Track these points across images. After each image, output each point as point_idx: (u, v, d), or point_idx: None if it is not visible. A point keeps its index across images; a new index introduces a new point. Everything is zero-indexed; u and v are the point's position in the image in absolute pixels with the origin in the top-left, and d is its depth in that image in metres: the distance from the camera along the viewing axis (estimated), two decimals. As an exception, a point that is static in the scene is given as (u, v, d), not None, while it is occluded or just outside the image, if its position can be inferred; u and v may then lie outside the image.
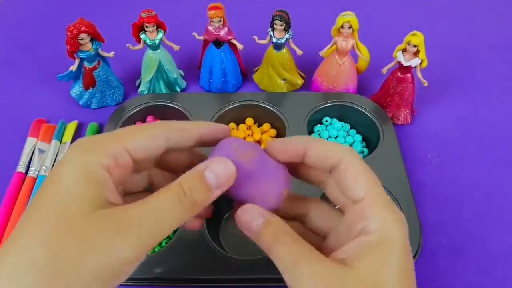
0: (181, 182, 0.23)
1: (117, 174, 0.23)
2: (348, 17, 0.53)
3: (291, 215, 0.28)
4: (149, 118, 0.57)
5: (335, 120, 0.57)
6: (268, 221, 0.24)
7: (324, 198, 0.29)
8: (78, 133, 0.57)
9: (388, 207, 0.23)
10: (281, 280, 0.42)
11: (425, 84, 0.55)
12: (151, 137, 0.24)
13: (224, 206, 0.49)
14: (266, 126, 0.56)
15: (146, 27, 0.55)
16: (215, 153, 0.26)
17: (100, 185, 0.22)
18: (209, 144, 0.27)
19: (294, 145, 0.26)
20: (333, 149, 0.25)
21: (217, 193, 0.24)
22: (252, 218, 0.24)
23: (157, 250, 0.45)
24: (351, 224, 0.24)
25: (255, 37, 0.58)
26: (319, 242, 0.27)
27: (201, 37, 0.58)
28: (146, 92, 0.60)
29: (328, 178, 0.26)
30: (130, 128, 0.25)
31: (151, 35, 0.56)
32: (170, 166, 0.28)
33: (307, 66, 0.64)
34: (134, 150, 0.24)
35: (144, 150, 0.24)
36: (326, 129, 0.56)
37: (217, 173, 0.23)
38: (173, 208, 0.22)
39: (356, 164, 0.24)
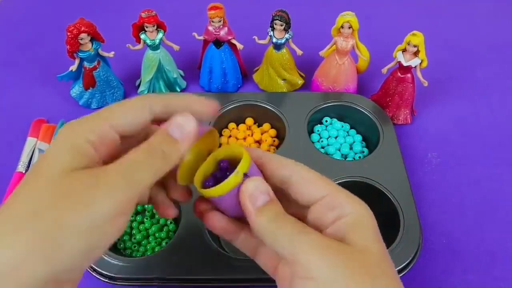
0: (149, 140, 0.25)
1: (105, 150, 0.24)
2: (348, 17, 0.53)
3: (276, 179, 0.28)
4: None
5: (335, 120, 0.57)
6: (272, 201, 0.26)
7: None
8: (78, 133, 0.57)
9: (350, 196, 0.26)
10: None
11: (425, 84, 0.55)
12: (134, 110, 0.25)
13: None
14: (266, 126, 0.56)
15: (146, 27, 0.55)
16: None
17: (83, 154, 0.23)
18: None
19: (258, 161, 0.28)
20: (285, 166, 0.27)
21: (183, 145, 0.25)
22: (260, 192, 0.25)
23: (157, 250, 0.45)
24: (322, 217, 0.26)
25: (255, 37, 0.58)
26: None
27: (201, 37, 0.58)
28: (146, 92, 0.60)
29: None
30: (113, 105, 0.26)
31: (151, 35, 0.56)
32: None
33: (307, 66, 0.64)
34: (119, 125, 0.24)
35: (130, 124, 0.25)
36: (326, 129, 0.56)
37: (179, 126, 0.25)
38: (145, 159, 0.24)
39: (306, 173, 0.27)
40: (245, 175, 0.26)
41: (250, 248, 0.29)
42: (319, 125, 0.57)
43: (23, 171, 0.52)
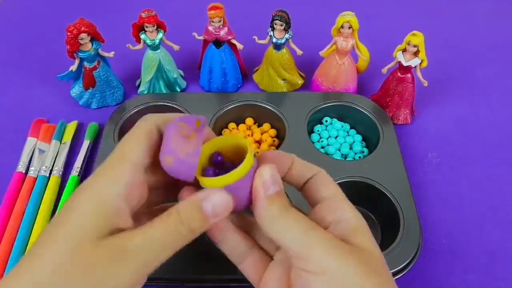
0: (180, 211, 0.24)
1: (137, 195, 0.25)
2: (348, 17, 0.53)
3: (299, 178, 0.29)
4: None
5: (335, 120, 0.57)
6: (282, 193, 0.26)
7: None
8: (78, 133, 0.57)
9: (350, 203, 0.28)
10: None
11: (425, 84, 0.55)
12: (144, 136, 0.26)
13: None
14: (266, 126, 0.56)
15: (146, 27, 0.55)
16: None
17: (110, 215, 0.23)
18: None
19: (284, 158, 0.29)
20: (311, 166, 0.29)
21: (213, 221, 0.25)
22: (274, 181, 0.26)
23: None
24: (324, 215, 0.27)
25: (255, 37, 0.58)
26: None
27: (201, 37, 0.58)
28: (146, 92, 0.60)
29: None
30: (122, 143, 0.26)
31: (151, 35, 0.56)
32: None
33: (307, 66, 0.64)
34: (140, 161, 0.25)
35: (147, 151, 0.26)
36: (326, 129, 0.56)
37: (214, 203, 0.24)
38: (170, 237, 0.24)
39: (327, 175, 0.29)
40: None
41: (238, 252, 0.29)
42: (319, 125, 0.57)
43: (23, 171, 0.52)
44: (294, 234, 0.24)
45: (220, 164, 0.27)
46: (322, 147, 0.54)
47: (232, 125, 0.57)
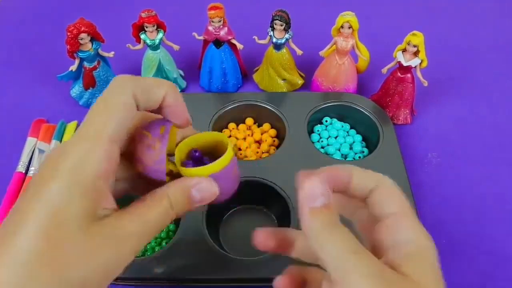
0: (169, 195, 0.24)
1: (111, 170, 0.23)
2: (348, 17, 0.53)
3: (361, 190, 0.26)
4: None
5: (335, 120, 0.57)
6: (329, 206, 0.24)
7: None
8: (78, 133, 0.57)
9: (417, 223, 0.25)
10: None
11: (425, 84, 0.55)
12: (122, 112, 0.23)
13: (224, 207, 0.49)
14: (266, 126, 0.56)
15: (146, 27, 0.55)
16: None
17: (96, 197, 0.22)
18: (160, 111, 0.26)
19: (342, 170, 0.26)
20: (372, 175, 0.26)
21: (196, 206, 0.26)
22: (319, 192, 0.24)
23: (157, 250, 0.45)
24: (382, 236, 0.24)
25: (255, 37, 0.58)
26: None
27: (201, 37, 0.58)
28: (146, 92, 0.60)
29: (359, 209, 0.27)
30: (95, 115, 0.23)
31: (151, 35, 0.56)
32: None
33: (307, 66, 0.64)
34: (117, 136, 0.23)
35: (125, 128, 0.24)
36: (326, 129, 0.56)
37: (203, 193, 0.25)
38: (162, 221, 0.24)
39: (392, 185, 0.25)
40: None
41: (310, 255, 0.27)
42: (319, 125, 0.57)
43: (23, 171, 0.52)
44: (334, 254, 0.22)
45: (199, 159, 0.28)
46: (322, 147, 0.54)
47: (232, 125, 0.57)
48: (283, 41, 0.56)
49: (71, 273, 0.20)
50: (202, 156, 0.28)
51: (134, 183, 0.27)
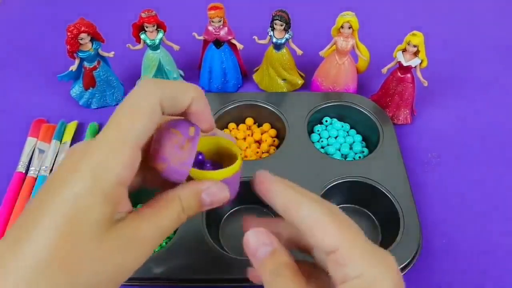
0: (181, 198, 0.25)
1: (132, 176, 0.23)
2: (348, 17, 0.53)
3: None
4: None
5: (335, 120, 0.57)
6: (275, 251, 0.25)
7: None
8: (78, 133, 0.57)
9: (369, 252, 0.23)
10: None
11: (425, 84, 0.55)
12: (148, 117, 0.23)
13: (224, 207, 0.49)
14: (266, 126, 0.56)
15: (146, 27, 0.55)
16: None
17: (116, 201, 0.22)
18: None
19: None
20: (301, 202, 0.25)
21: (204, 210, 0.26)
22: (261, 243, 0.25)
23: (157, 250, 0.45)
24: (333, 273, 0.23)
25: (255, 37, 0.58)
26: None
27: (201, 37, 0.58)
28: (146, 92, 0.60)
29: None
30: (121, 118, 0.23)
31: (151, 35, 0.56)
32: None
33: (307, 66, 0.64)
34: (141, 141, 0.23)
35: (149, 133, 0.24)
36: (326, 129, 0.56)
37: (213, 197, 0.26)
38: (173, 224, 0.25)
39: (320, 214, 0.24)
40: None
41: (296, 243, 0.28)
42: (319, 125, 0.57)
43: (23, 171, 0.52)
44: None
45: (201, 162, 0.28)
46: (322, 147, 0.54)
47: (232, 125, 0.57)
48: (283, 41, 0.56)
49: (84, 279, 0.21)
50: (204, 160, 0.28)
51: (146, 176, 0.27)
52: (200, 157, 0.27)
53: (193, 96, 0.25)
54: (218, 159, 0.28)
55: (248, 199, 0.49)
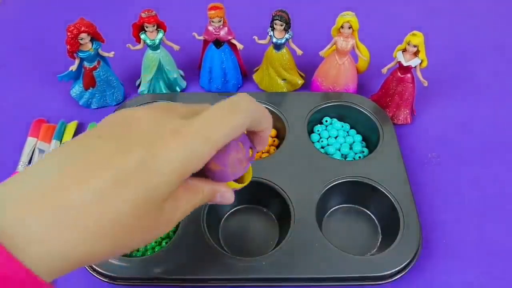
0: (204, 191, 0.29)
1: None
2: (348, 17, 0.53)
3: None
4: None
5: (335, 120, 0.57)
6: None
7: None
8: (78, 133, 0.57)
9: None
10: (280, 280, 0.42)
11: (425, 84, 0.55)
12: (235, 133, 0.27)
13: (224, 207, 0.49)
14: (266, 126, 0.56)
15: (146, 27, 0.55)
16: (221, 155, 0.29)
17: (179, 188, 0.26)
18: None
19: None
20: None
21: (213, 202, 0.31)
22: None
23: (157, 250, 0.45)
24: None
25: (255, 37, 0.58)
26: None
27: (201, 37, 0.58)
28: (146, 92, 0.60)
29: None
30: (218, 126, 0.26)
31: (151, 35, 0.56)
32: None
33: (307, 66, 0.64)
34: (224, 142, 0.27)
35: (230, 139, 0.27)
36: (326, 129, 0.56)
37: (224, 199, 0.31)
38: (194, 207, 0.29)
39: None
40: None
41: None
42: (319, 125, 0.57)
43: (23, 171, 0.52)
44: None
45: None
46: (322, 147, 0.54)
47: (232, 125, 0.56)
48: (283, 41, 0.56)
49: (129, 245, 0.24)
50: None
51: None
52: None
53: (268, 126, 0.30)
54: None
55: (248, 199, 0.49)
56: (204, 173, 0.30)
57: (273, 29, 0.56)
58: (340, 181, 0.48)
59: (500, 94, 0.63)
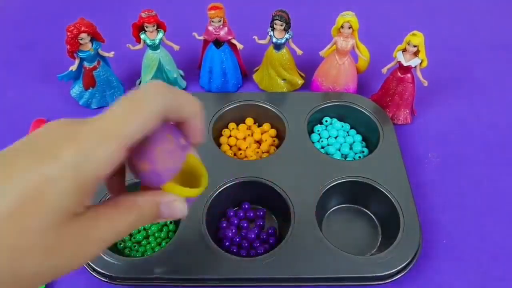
0: (141, 205, 0.25)
1: (110, 174, 0.23)
2: (348, 17, 0.53)
3: None
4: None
5: (335, 120, 0.57)
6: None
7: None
8: (78, 133, 0.57)
9: None
10: (280, 280, 0.42)
11: (425, 84, 0.55)
12: (149, 122, 0.23)
13: (224, 206, 0.49)
14: (266, 126, 0.56)
15: (146, 27, 0.55)
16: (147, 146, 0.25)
17: (88, 195, 0.22)
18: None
19: None
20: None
21: (163, 220, 0.27)
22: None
23: (157, 250, 0.45)
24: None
25: (255, 37, 0.58)
26: None
27: (201, 37, 0.58)
28: (146, 92, 0.60)
29: None
30: (123, 115, 0.23)
31: (151, 35, 0.56)
32: None
33: (307, 66, 0.64)
34: (133, 142, 0.22)
35: (141, 135, 0.23)
36: (326, 129, 0.56)
37: (173, 211, 0.26)
38: (130, 229, 0.25)
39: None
40: None
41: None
42: (319, 125, 0.57)
43: (23, 171, 0.52)
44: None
45: None
46: (322, 147, 0.54)
47: (232, 125, 0.57)
48: (283, 41, 0.56)
49: (27, 269, 0.20)
50: None
51: (112, 178, 0.27)
52: None
53: (196, 111, 0.25)
54: (182, 175, 0.27)
55: (248, 199, 0.49)
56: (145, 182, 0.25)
57: (273, 29, 0.56)
58: (340, 181, 0.48)
59: (500, 94, 0.63)
